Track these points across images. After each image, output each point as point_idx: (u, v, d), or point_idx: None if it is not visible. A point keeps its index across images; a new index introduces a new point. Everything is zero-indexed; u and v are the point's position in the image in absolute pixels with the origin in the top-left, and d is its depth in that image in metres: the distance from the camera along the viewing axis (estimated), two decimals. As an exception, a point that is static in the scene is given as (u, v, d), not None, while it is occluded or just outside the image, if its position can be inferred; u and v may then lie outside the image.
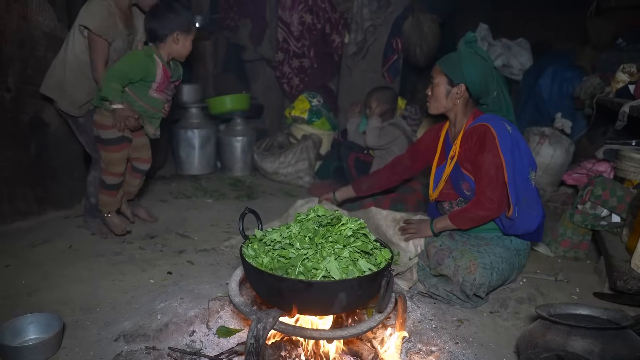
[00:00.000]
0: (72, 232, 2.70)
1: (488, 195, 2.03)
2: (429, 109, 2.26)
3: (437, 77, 2.17)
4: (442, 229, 2.22)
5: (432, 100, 2.22)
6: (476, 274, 1.93)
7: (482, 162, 2.05)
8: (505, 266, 2.04)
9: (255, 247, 1.44)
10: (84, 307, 1.90)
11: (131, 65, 2.38)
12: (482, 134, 2.06)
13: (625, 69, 2.97)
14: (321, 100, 4.48)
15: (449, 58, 2.16)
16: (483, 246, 2.08)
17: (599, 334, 1.38)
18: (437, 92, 2.18)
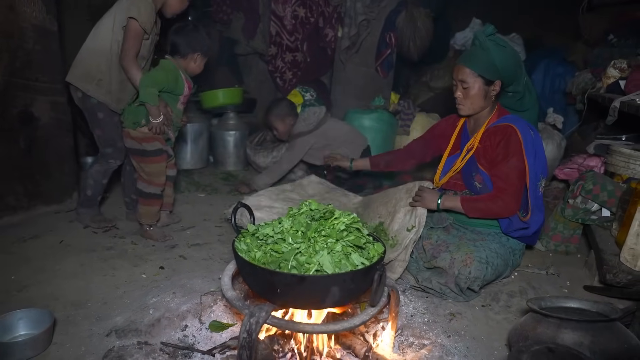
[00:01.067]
0: (63, 227, 2.67)
1: (509, 194, 2.02)
2: (461, 112, 2.18)
3: (469, 80, 2.07)
4: (447, 207, 2.18)
5: (466, 103, 2.12)
6: (472, 267, 1.95)
7: (506, 164, 2.03)
8: (500, 262, 2.06)
9: (248, 241, 1.44)
10: (75, 303, 1.89)
11: (166, 73, 2.47)
12: (508, 135, 2.04)
13: (616, 65, 2.98)
14: (314, 95, 4.46)
15: (477, 57, 2.06)
16: (479, 241, 2.10)
17: (588, 327, 1.40)
18: (473, 95, 2.09)
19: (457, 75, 2.11)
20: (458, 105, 2.16)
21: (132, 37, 2.46)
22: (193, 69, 2.60)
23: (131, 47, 2.46)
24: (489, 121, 2.16)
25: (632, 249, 2.01)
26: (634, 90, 2.43)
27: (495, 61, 2.03)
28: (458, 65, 2.12)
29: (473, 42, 2.14)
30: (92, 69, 2.54)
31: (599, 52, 3.84)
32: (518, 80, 2.14)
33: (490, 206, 2.07)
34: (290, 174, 4.01)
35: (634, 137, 2.91)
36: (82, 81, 2.55)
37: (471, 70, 2.06)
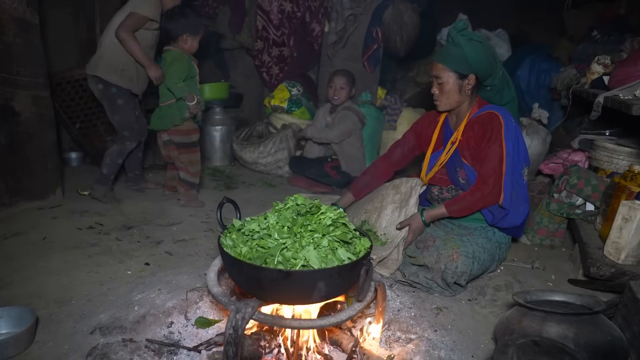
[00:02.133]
0: (46, 224, 2.63)
1: (490, 183, 2.04)
2: (439, 107, 2.21)
3: (443, 75, 2.11)
4: (435, 218, 2.20)
5: (442, 99, 2.16)
6: (458, 262, 1.95)
7: (487, 150, 2.05)
8: (487, 256, 2.07)
9: (234, 237, 1.42)
10: (58, 300, 1.86)
11: (178, 62, 2.81)
12: (489, 120, 2.07)
13: (599, 61, 3.02)
14: (301, 90, 4.44)
15: (449, 53, 2.10)
16: (466, 236, 2.11)
17: (573, 320, 1.41)
18: (448, 90, 2.13)
19: (431, 71, 2.16)
20: (435, 101, 2.20)
21: (131, 19, 2.75)
22: (188, 49, 2.88)
23: (129, 24, 2.75)
24: (470, 113, 2.18)
25: (616, 243, 2.04)
26: (617, 86, 2.45)
27: (467, 55, 2.06)
28: (433, 62, 2.16)
29: (447, 39, 2.18)
30: (114, 60, 2.85)
31: (583, 48, 3.88)
32: (494, 73, 2.17)
33: (473, 200, 2.08)
34: (277, 169, 4.00)
35: (617, 132, 2.95)
36: (106, 72, 2.85)
37: (444, 66, 2.10)
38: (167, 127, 2.94)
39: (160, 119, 2.94)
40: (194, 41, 2.89)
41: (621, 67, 2.54)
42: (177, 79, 2.81)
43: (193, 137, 2.98)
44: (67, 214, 2.79)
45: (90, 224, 2.66)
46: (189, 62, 2.89)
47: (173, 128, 2.92)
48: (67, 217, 2.73)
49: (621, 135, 2.89)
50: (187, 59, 2.88)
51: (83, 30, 3.82)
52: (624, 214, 2.01)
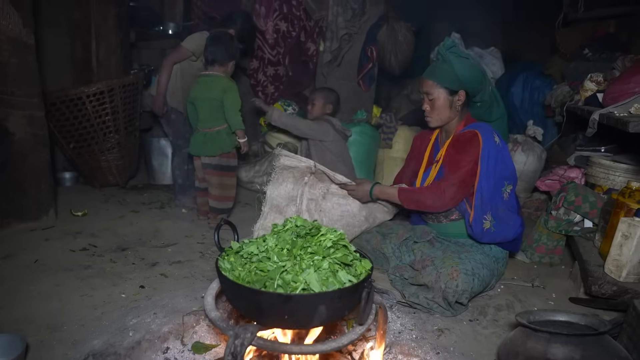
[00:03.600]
0: (38, 246, 2.58)
1: (443, 188, 2.09)
2: (430, 124, 2.25)
3: (433, 92, 2.16)
4: (382, 198, 2.26)
5: (433, 115, 2.21)
6: (459, 280, 1.93)
7: (457, 160, 2.10)
8: (486, 272, 2.06)
9: (232, 259, 1.39)
10: (49, 326, 1.80)
11: (236, 94, 2.94)
12: (468, 139, 2.11)
13: (592, 78, 3.05)
14: (296, 108, 4.45)
15: (439, 69, 2.16)
16: (463, 253, 2.10)
17: (578, 341, 1.39)
18: (439, 106, 2.17)
19: (422, 88, 2.21)
20: (426, 118, 2.25)
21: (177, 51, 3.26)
22: (227, 74, 3.00)
23: (173, 57, 3.26)
24: (456, 129, 2.23)
25: (616, 260, 2.02)
26: (611, 103, 2.47)
27: (456, 72, 2.11)
28: (422, 78, 2.21)
29: (437, 57, 2.23)
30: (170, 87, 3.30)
31: (576, 65, 3.93)
32: (483, 89, 2.23)
33: (425, 198, 2.15)
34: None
35: (612, 148, 2.96)
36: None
37: (434, 82, 2.15)
38: (215, 154, 2.95)
39: (205, 145, 2.95)
40: (233, 69, 3.04)
41: (615, 85, 2.57)
42: (238, 109, 2.90)
43: (232, 161, 3.03)
44: (60, 235, 2.74)
45: (83, 246, 2.61)
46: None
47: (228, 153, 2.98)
48: (60, 239, 2.69)
49: (616, 152, 2.91)
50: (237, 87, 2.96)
51: (78, 50, 3.82)
52: (624, 231, 2.00)
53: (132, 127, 3.73)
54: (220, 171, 3.00)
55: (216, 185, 3.01)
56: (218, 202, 3.05)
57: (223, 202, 3.07)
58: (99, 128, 3.46)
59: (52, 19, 3.74)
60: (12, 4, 2.55)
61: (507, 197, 2.16)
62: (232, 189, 3.09)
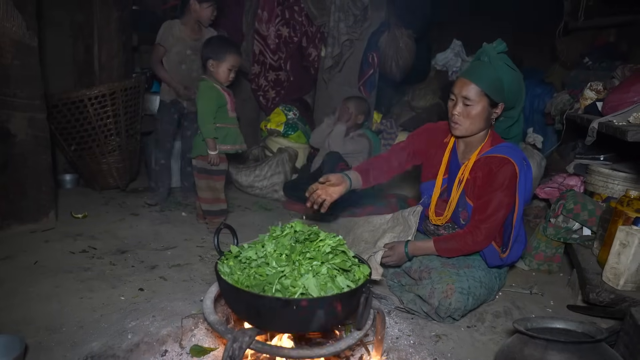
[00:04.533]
0: (38, 248, 2.58)
1: (482, 229, 1.95)
2: (456, 131, 1.98)
3: (474, 97, 1.88)
4: (419, 254, 2.10)
5: (465, 123, 1.94)
6: (452, 299, 1.90)
7: (492, 196, 1.92)
8: (484, 291, 2.01)
9: (231, 263, 1.40)
10: (48, 327, 1.81)
11: (207, 100, 2.86)
12: (503, 168, 1.91)
13: (592, 87, 3.06)
14: (297, 114, 4.47)
15: (487, 75, 1.88)
16: (464, 268, 2.03)
17: (575, 348, 1.39)
18: (475, 114, 1.91)
19: (460, 90, 1.92)
20: (454, 124, 1.97)
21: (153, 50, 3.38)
22: (219, 78, 2.90)
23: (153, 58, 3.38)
24: (481, 149, 2.01)
25: (614, 268, 2.03)
26: (610, 112, 2.48)
27: (503, 82, 1.88)
28: (463, 79, 1.93)
29: (479, 57, 1.97)
30: None
31: (576, 74, 3.95)
32: (518, 106, 2.02)
33: (463, 244, 1.99)
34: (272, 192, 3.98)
35: (611, 157, 2.97)
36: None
37: (478, 87, 1.88)
38: (192, 155, 3.02)
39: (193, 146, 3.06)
40: (219, 67, 2.87)
41: (614, 94, 2.58)
42: (207, 116, 2.84)
43: (221, 164, 2.99)
44: (60, 237, 2.75)
45: (83, 248, 2.62)
46: (217, 92, 2.88)
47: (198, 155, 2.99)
48: (60, 241, 2.69)
49: (615, 160, 2.92)
50: (216, 89, 2.87)
51: (81, 53, 3.84)
52: (622, 240, 2.01)
53: (133, 130, 3.74)
54: (205, 174, 2.98)
55: (203, 188, 3.01)
56: (209, 204, 3.05)
57: (214, 205, 3.06)
58: (100, 131, 3.47)
59: (55, 21, 3.76)
60: (15, 7, 2.57)
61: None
62: (215, 191, 3.04)
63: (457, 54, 5.09)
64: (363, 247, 2.25)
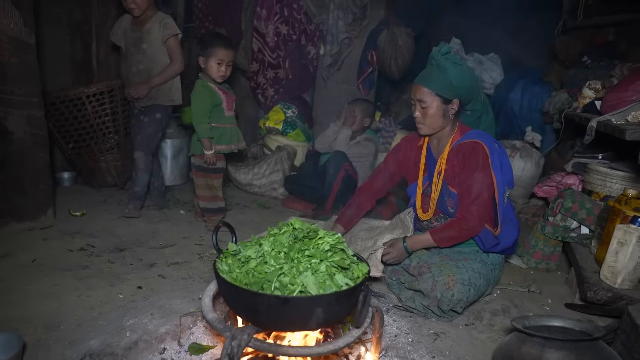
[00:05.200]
0: (36, 245, 2.58)
1: (473, 212, 2.00)
2: (421, 131, 2.17)
3: (427, 99, 2.07)
4: (418, 248, 2.14)
5: (426, 123, 2.12)
6: (454, 290, 1.92)
7: (472, 179, 2.01)
8: (483, 282, 2.04)
9: (230, 262, 1.40)
10: (47, 325, 1.81)
11: (200, 100, 2.84)
12: (474, 150, 2.04)
13: (591, 86, 3.07)
14: (296, 112, 4.46)
15: (434, 76, 2.07)
16: (461, 261, 2.07)
17: (572, 346, 1.39)
18: (432, 114, 2.09)
19: (415, 94, 2.12)
20: (418, 124, 2.17)
21: None
22: (210, 73, 2.86)
23: None
24: (452, 140, 2.14)
25: (612, 267, 2.04)
26: (609, 111, 2.48)
27: (452, 80, 2.04)
28: (415, 84, 2.12)
29: (430, 62, 2.15)
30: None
31: (574, 73, 3.95)
32: (476, 98, 2.17)
33: (460, 229, 2.03)
34: (271, 190, 3.98)
35: (609, 155, 2.97)
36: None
37: (428, 89, 2.07)
38: (191, 153, 3.01)
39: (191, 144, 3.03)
40: (208, 63, 2.83)
41: (613, 93, 2.58)
42: (201, 116, 2.82)
43: (218, 162, 2.98)
44: (58, 235, 2.74)
45: (81, 246, 2.61)
46: (211, 92, 2.86)
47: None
48: (58, 239, 2.69)
49: (614, 159, 2.92)
50: (209, 89, 2.86)
51: (79, 50, 3.83)
52: (620, 238, 2.01)
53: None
54: (203, 172, 2.98)
55: (201, 186, 3.02)
56: (207, 202, 3.05)
57: (212, 202, 3.05)
58: (99, 128, 3.47)
59: (53, 18, 3.75)
60: (13, 4, 2.56)
61: (506, 202, 2.14)
62: (213, 189, 3.04)
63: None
64: (360, 246, 2.25)
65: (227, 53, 2.86)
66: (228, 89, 3.02)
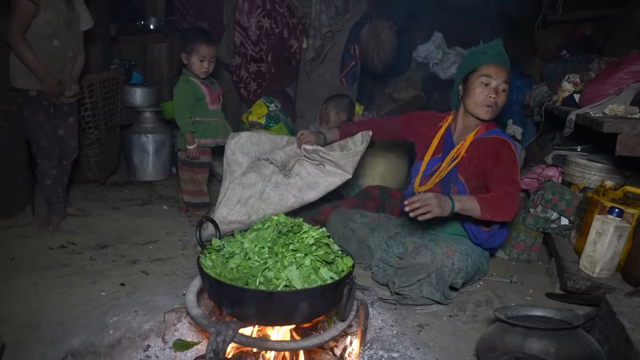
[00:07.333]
0: (15, 243, 2.53)
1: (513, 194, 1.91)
2: (487, 115, 2.09)
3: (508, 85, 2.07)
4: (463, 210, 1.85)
5: (498, 107, 2.09)
6: (454, 258, 1.97)
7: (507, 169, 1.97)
8: (477, 257, 2.11)
9: (214, 257, 1.39)
10: (27, 325, 1.77)
11: (181, 95, 2.84)
12: (504, 145, 2.04)
13: (570, 79, 3.11)
14: (279, 106, 4.43)
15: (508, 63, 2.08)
16: (454, 240, 2.13)
17: (553, 335, 1.43)
18: (504, 100, 2.08)
19: (498, 76, 2.06)
20: (487, 107, 2.07)
21: (16, 11, 2.37)
22: (193, 69, 2.84)
23: (16, 24, 2.38)
24: (477, 131, 2.15)
25: (590, 256, 2.08)
26: (587, 104, 2.52)
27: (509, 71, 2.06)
28: (499, 66, 2.08)
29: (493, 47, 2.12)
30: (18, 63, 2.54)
31: (554, 66, 4.00)
32: None
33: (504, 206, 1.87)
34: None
35: (588, 148, 3.03)
36: (15, 79, 2.57)
37: (508, 74, 2.07)
38: (177, 148, 3.01)
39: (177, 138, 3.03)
40: (190, 59, 2.81)
41: (590, 86, 2.63)
42: (181, 110, 2.82)
43: (203, 157, 2.97)
44: (37, 232, 2.69)
45: (62, 243, 2.57)
46: (193, 86, 2.85)
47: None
48: (37, 236, 2.64)
49: (592, 151, 2.98)
50: (190, 84, 2.84)
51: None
52: (598, 229, 2.05)
53: (112, 122, 3.68)
54: (188, 167, 2.97)
55: (186, 180, 3.01)
56: (192, 197, 3.03)
57: (197, 197, 3.04)
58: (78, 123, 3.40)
59: (29, 11, 3.65)
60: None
61: None
62: (198, 184, 3.03)
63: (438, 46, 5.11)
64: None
65: (209, 49, 2.83)
66: (212, 83, 2.99)
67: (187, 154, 2.89)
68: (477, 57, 2.15)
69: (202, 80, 2.90)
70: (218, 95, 3.03)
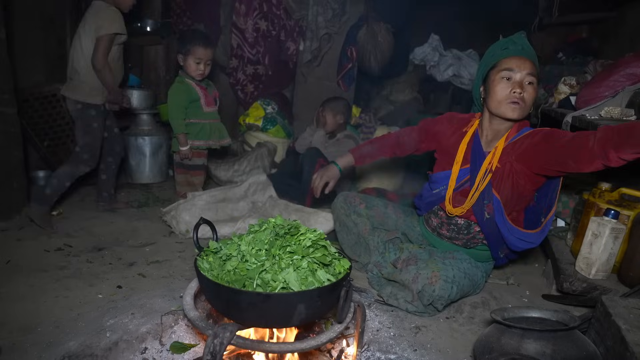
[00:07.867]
0: (11, 246, 2.52)
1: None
2: (515, 113, 1.85)
3: (535, 77, 1.83)
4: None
5: (526, 103, 1.85)
6: (436, 286, 1.90)
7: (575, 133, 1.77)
8: (467, 282, 2.01)
9: (211, 259, 1.39)
10: (22, 328, 1.77)
11: (175, 96, 2.86)
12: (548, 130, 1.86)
13: (566, 81, 3.13)
14: (276, 108, 4.45)
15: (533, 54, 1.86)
16: (449, 259, 2.03)
17: (550, 336, 1.43)
18: (533, 94, 1.83)
19: (521, 68, 1.84)
20: (513, 104, 1.84)
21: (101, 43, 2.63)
22: (189, 71, 2.87)
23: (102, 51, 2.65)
24: (507, 135, 1.93)
25: (587, 258, 2.09)
26: (583, 106, 2.54)
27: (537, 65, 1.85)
28: (520, 57, 1.86)
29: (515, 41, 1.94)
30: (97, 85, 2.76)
31: (550, 69, 4.02)
32: None
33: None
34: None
35: (584, 150, 3.04)
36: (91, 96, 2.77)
37: (534, 66, 1.83)
38: (172, 150, 3.06)
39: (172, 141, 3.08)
40: (186, 61, 2.85)
41: (586, 88, 2.64)
42: (175, 111, 2.84)
43: (196, 160, 3.03)
44: (33, 235, 2.68)
45: (58, 246, 2.56)
46: (188, 88, 2.87)
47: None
48: (33, 239, 2.63)
49: (588, 153, 2.99)
50: (185, 85, 2.86)
51: (53, 46, 3.73)
52: (594, 230, 2.06)
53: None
54: (183, 169, 3.03)
55: (181, 182, 3.05)
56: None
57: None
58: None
59: (25, 13, 3.65)
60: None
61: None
62: (193, 187, 3.09)
63: (434, 48, 5.14)
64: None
65: (206, 52, 2.84)
66: (208, 85, 2.99)
67: (179, 155, 2.90)
68: (498, 52, 1.93)
69: (198, 82, 2.90)
70: (214, 98, 3.03)
